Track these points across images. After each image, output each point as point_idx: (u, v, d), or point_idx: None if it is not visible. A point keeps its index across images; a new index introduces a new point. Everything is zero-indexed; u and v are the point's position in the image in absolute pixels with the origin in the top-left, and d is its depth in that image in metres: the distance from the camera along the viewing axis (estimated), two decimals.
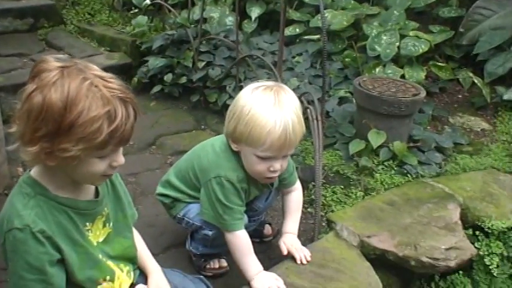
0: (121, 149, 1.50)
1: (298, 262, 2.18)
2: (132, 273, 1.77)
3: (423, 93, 3.25)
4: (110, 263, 1.66)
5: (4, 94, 2.98)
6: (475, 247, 2.49)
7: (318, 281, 2.09)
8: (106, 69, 4.15)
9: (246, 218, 2.26)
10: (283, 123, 1.98)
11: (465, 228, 2.56)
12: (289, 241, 2.25)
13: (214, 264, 2.40)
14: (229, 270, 2.39)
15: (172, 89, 4.12)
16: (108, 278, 1.65)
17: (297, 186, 2.39)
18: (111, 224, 1.68)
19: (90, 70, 1.41)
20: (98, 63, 4.07)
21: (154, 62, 4.06)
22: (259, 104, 1.99)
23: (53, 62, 1.40)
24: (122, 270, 1.71)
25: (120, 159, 1.51)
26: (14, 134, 1.43)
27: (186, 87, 4.10)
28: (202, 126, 3.84)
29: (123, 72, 4.25)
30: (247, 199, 2.25)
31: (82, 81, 1.36)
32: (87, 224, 1.59)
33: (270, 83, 2.10)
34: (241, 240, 2.16)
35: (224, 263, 2.41)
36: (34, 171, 1.52)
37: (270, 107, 1.98)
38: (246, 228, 2.23)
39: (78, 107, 1.34)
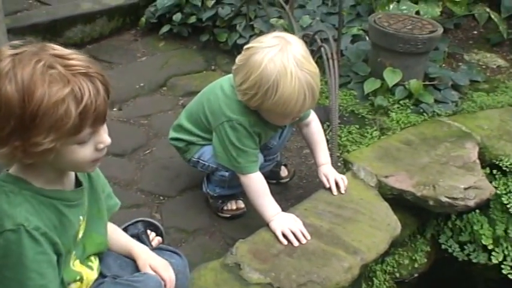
0: (103, 129, 1.34)
1: (343, 192, 2.22)
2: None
3: (440, 30, 3.16)
4: (77, 263, 1.51)
5: (12, 36, 2.92)
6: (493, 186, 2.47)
7: (337, 222, 2.08)
8: (113, 9, 4.11)
9: (261, 158, 2.24)
10: (311, 90, 1.95)
11: (482, 167, 2.53)
12: (330, 173, 2.27)
13: (232, 205, 2.39)
14: (246, 211, 2.38)
15: (181, 29, 4.03)
16: (77, 278, 1.51)
17: (313, 117, 2.34)
18: (85, 217, 1.51)
19: (45, 51, 1.25)
20: (104, 3, 4.04)
21: (163, 1, 3.95)
22: (283, 79, 1.90)
23: (4, 50, 1.24)
24: (92, 268, 1.57)
25: (104, 139, 1.34)
26: None
27: (195, 27, 4.01)
28: (213, 67, 3.78)
29: (130, 12, 4.17)
30: (263, 141, 2.23)
31: (35, 65, 1.21)
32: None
33: (274, 39, 1.98)
34: (256, 182, 2.14)
35: (241, 204, 2.40)
36: (13, 169, 1.37)
37: (294, 78, 1.91)
38: (262, 168, 2.22)
39: (36, 94, 1.19)
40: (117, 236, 1.70)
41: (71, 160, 1.32)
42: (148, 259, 1.64)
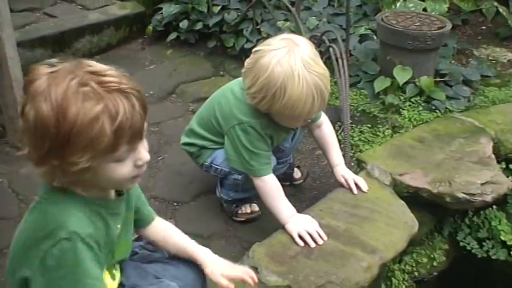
0: (142, 144, 1.32)
1: (365, 190, 2.21)
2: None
3: (449, 26, 3.14)
4: (104, 270, 1.45)
5: (21, 49, 2.93)
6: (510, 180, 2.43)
7: (354, 221, 2.06)
8: (120, 19, 4.12)
9: (274, 160, 2.22)
10: (319, 92, 1.93)
11: (498, 161, 2.50)
12: (346, 173, 2.26)
13: (246, 209, 2.38)
14: (261, 214, 2.36)
15: (188, 36, 4.03)
16: None
17: (324, 119, 2.33)
18: (121, 226, 1.49)
19: (81, 68, 1.23)
20: (111, 13, 4.06)
21: (169, 9, 3.96)
22: (290, 82, 1.89)
23: (42, 69, 1.23)
24: (114, 278, 1.54)
25: (143, 156, 1.31)
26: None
27: (202, 33, 4.01)
28: (221, 72, 3.77)
29: (137, 21, 4.19)
30: (275, 143, 2.21)
31: (69, 83, 1.18)
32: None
33: (282, 42, 1.96)
34: (270, 185, 2.12)
35: (256, 208, 2.38)
36: (57, 181, 1.33)
37: (301, 80, 1.89)
38: (275, 171, 2.20)
39: (70, 113, 1.16)
40: (176, 238, 1.69)
41: (109, 178, 1.29)
42: (217, 267, 1.63)
